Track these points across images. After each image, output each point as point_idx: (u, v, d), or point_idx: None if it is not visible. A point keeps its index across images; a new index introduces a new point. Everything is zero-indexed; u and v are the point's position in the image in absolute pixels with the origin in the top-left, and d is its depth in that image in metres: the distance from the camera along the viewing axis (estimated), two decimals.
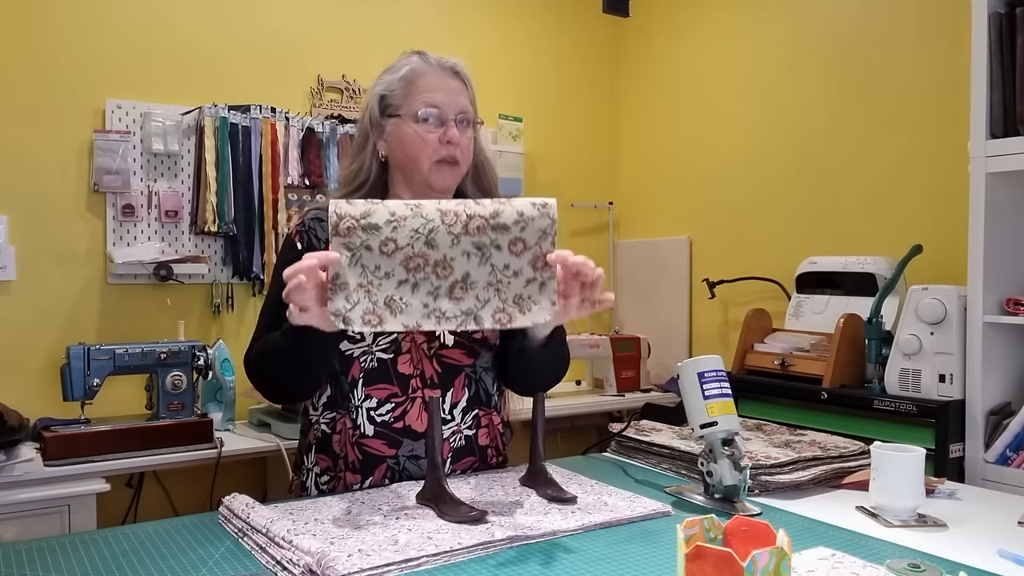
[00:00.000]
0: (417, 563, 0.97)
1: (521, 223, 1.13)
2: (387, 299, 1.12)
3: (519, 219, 1.13)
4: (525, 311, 1.13)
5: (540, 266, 1.14)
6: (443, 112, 1.36)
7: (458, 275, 1.13)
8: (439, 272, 1.13)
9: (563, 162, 3.52)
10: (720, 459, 1.22)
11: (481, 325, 1.13)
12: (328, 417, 1.39)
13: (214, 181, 2.59)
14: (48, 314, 2.43)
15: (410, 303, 1.12)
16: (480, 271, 1.13)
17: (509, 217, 1.13)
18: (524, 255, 1.14)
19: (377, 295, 1.12)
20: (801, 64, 2.88)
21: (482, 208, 1.14)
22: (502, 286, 1.13)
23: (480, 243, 1.13)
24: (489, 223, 1.13)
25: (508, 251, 1.13)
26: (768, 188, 2.99)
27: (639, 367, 3.11)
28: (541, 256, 1.14)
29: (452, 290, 1.13)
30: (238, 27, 2.73)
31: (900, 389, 2.18)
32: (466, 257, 1.13)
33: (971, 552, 1.05)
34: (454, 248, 1.13)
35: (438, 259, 1.13)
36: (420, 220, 1.12)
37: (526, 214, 1.13)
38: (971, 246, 2.05)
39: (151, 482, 2.50)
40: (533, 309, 1.13)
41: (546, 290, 1.13)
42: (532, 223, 1.13)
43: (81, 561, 1.00)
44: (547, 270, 1.13)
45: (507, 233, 1.13)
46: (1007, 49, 2.01)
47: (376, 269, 1.12)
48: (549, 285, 1.13)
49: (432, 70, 1.39)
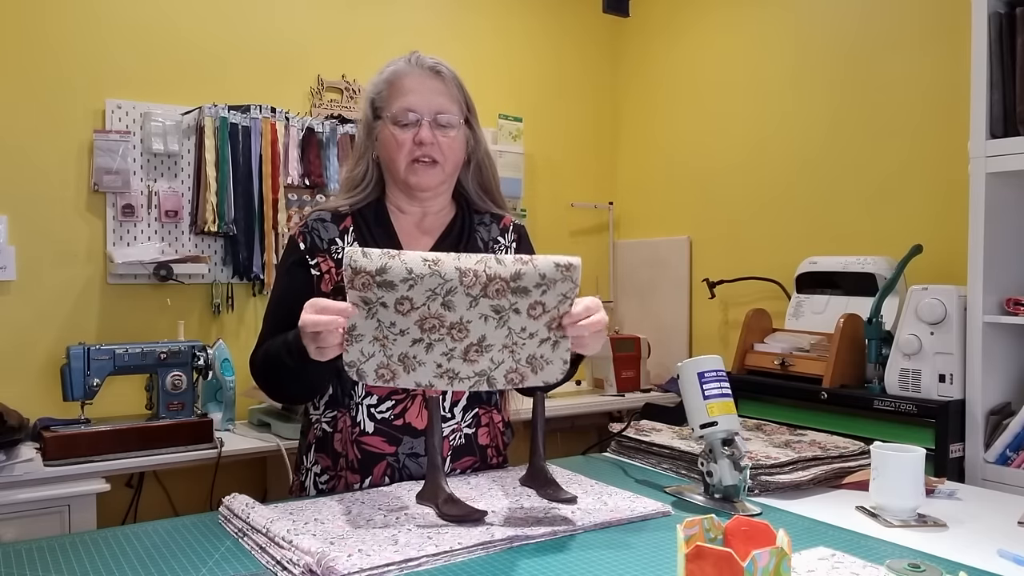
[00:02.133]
0: (417, 563, 0.97)
1: (543, 287, 1.10)
2: (401, 355, 1.11)
3: (541, 282, 1.09)
4: (537, 371, 1.13)
5: (555, 327, 1.12)
6: (418, 113, 1.36)
7: (474, 338, 1.11)
8: (454, 335, 1.11)
9: (563, 162, 3.52)
10: (720, 459, 1.22)
11: (493, 387, 1.14)
12: (329, 416, 1.40)
13: (214, 181, 2.59)
14: (48, 314, 2.43)
15: (424, 361, 1.11)
16: (496, 334, 1.11)
17: (530, 280, 1.09)
18: (542, 318, 1.12)
19: (392, 350, 1.11)
20: (801, 64, 2.88)
21: (503, 268, 1.09)
22: (517, 347, 1.12)
23: (499, 307, 1.10)
24: (509, 286, 1.09)
25: (527, 315, 1.11)
26: (768, 188, 2.99)
27: (639, 367, 3.11)
28: (558, 317, 1.12)
29: (467, 352, 1.11)
30: (238, 27, 2.73)
31: (900, 389, 2.18)
32: (483, 320, 1.10)
33: (971, 552, 1.05)
34: (471, 311, 1.10)
35: (454, 321, 1.10)
36: (438, 279, 1.08)
37: (548, 277, 1.09)
38: (971, 246, 2.05)
39: (151, 482, 2.50)
40: (546, 369, 1.13)
41: (559, 349, 1.13)
42: (554, 287, 1.10)
43: (81, 561, 1.00)
44: (561, 330, 1.12)
45: (527, 297, 1.10)
46: (1007, 49, 2.01)
47: (391, 325, 1.10)
48: (562, 344, 1.13)
49: (412, 71, 1.39)
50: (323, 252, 1.39)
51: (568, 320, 1.12)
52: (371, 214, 1.43)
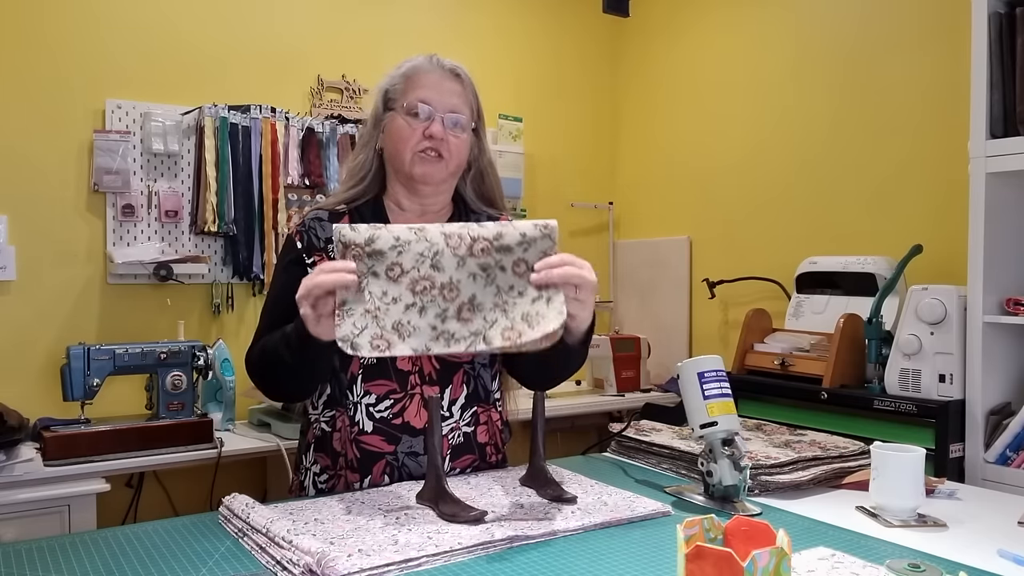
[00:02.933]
0: (417, 563, 0.97)
1: (524, 244, 1.14)
2: (395, 323, 1.12)
3: (522, 240, 1.14)
4: (533, 325, 1.12)
5: (545, 279, 1.13)
6: (432, 108, 1.37)
7: (465, 297, 1.14)
8: (446, 295, 1.13)
9: (563, 162, 3.52)
10: (720, 459, 1.22)
11: (491, 344, 1.12)
12: (328, 415, 1.40)
13: (214, 181, 2.59)
14: (48, 314, 2.43)
15: (418, 326, 1.12)
16: (486, 292, 1.14)
17: (512, 238, 1.14)
18: (527, 275, 1.14)
19: (385, 320, 1.12)
20: (801, 64, 2.88)
21: (485, 230, 1.15)
22: (508, 307, 1.13)
23: (485, 264, 1.14)
24: (493, 244, 1.14)
25: (512, 272, 1.14)
26: (768, 188, 2.99)
27: (639, 367, 3.11)
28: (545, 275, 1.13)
29: (460, 312, 1.13)
30: (238, 27, 2.73)
31: (900, 389, 2.18)
32: (472, 279, 1.14)
33: (971, 552, 1.05)
34: (460, 270, 1.14)
35: (444, 282, 1.13)
36: (425, 244, 1.13)
37: (528, 235, 1.14)
38: (971, 246, 2.05)
39: (151, 482, 2.50)
40: (541, 322, 1.12)
41: (554, 303, 1.12)
42: (535, 244, 1.14)
43: (81, 561, 1.00)
44: (553, 287, 1.13)
45: (511, 254, 1.14)
46: (1007, 49, 2.01)
47: (383, 295, 1.12)
48: (556, 298, 1.13)
49: (433, 69, 1.41)
50: (320, 251, 1.39)
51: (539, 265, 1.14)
52: (368, 212, 1.43)
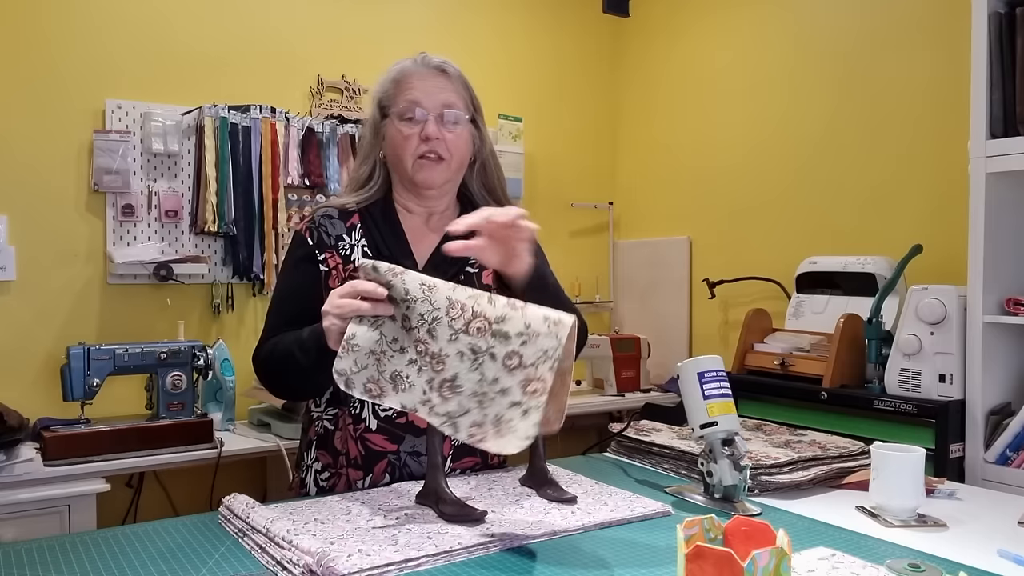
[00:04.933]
0: (417, 563, 0.97)
1: (524, 337, 1.04)
2: (394, 374, 1.08)
3: (523, 331, 1.04)
4: (501, 435, 1.01)
5: (529, 391, 1.01)
6: (424, 108, 1.38)
7: (448, 374, 1.06)
8: (434, 365, 1.07)
9: (563, 162, 3.52)
10: (720, 459, 1.22)
11: (456, 434, 1.04)
12: (331, 413, 1.40)
13: (214, 181, 2.59)
14: (48, 314, 2.43)
15: (414, 384, 1.08)
16: (468, 377, 1.05)
17: (514, 326, 1.04)
18: (516, 373, 1.03)
19: (386, 366, 1.09)
20: (801, 64, 2.88)
21: (491, 308, 1.06)
22: (485, 400, 1.04)
23: (476, 347, 1.05)
24: (491, 327, 1.05)
25: (502, 364, 1.04)
26: (768, 188, 2.99)
27: (639, 367, 3.11)
28: (534, 380, 1.01)
29: (442, 387, 1.07)
30: (238, 27, 2.73)
31: (900, 389, 2.18)
32: (459, 357, 1.06)
33: (971, 552, 1.05)
34: (450, 345, 1.06)
35: (435, 352, 1.07)
36: (428, 306, 1.07)
37: (532, 328, 1.04)
38: (971, 246, 2.05)
39: (151, 482, 2.50)
40: (507, 437, 1.00)
41: (527, 419, 1.00)
42: (535, 340, 1.03)
43: (81, 561, 1.00)
44: (535, 398, 1.01)
45: (506, 344, 1.04)
46: (1007, 49, 2.01)
47: (394, 340, 1.09)
48: (532, 416, 1.00)
49: (418, 69, 1.41)
50: (331, 248, 1.39)
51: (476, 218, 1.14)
52: (378, 212, 1.43)
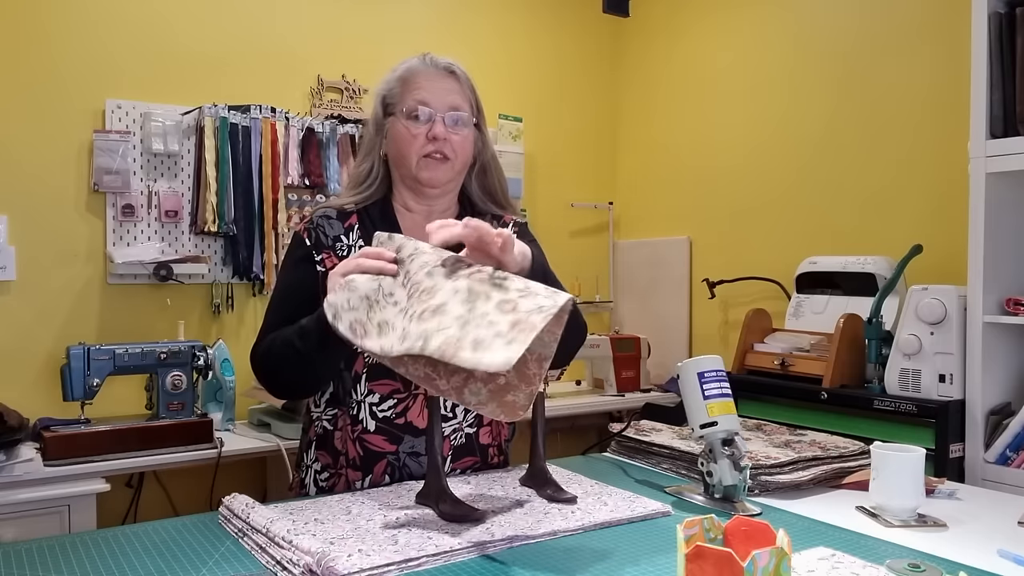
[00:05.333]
0: (417, 563, 0.97)
1: (522, 292, 1.05)
2: (381, 321, 1.11)
3: (522, 289, 1.05)
4: (477, 351, 0.98)
5: (518, 329, 0.98)
6: (431, 109, 1.38)
7: (434, 302, 1.07)
8: (422, 297, 1.09)
9: (563, 162, 3.52)
10: (720, 459, 1.22)
11: (424, 350, 1.01)
12: (330, 414, 1.40)
13: (214, 181, 2.59)
14: (48, 314, 2.43)
15: (394, 326, 1.09)
16: (457, 307, 1.05)
17: (514, 284, 1.06)
18: (507, 315, 1.01)
19: (375, 314, 1.12)
20: (801, 64, 2.88)
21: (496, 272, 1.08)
22: (470, 326, 1.02)
23: (472, 288, 1.07)
24: (491, 279, 1.07)
25: (495, 305, 1.03)
26: (768, 188, 2.99)
27: (639, 367, 3.11)
28: (525, 323, 0.99)
29: (423, 314, 1.07)
30: (238, 27, 2.73)
31: (900, 389, 2.18)
32: (453, 292, 1.07)
33: (971, 552, 1.05)
34: (447, 282, 1.09)
35: (428, 286, 1.10)
36: (436, 257, 1.13)
37: (531, 288, 1.05)
38: (971, 246, 2.05)
39: (151, 482, 2.50)
40: (486, 353, 0.97)
41: (510, 348, 0.96)
42: (533, 297, 1.03)
43: (81, 561, 1.00)
44: (523, 335, 0.97)
45: (504, 293, 1.05)
46: (1007, 49, 2.01)
47: (390, 295, 1.13)
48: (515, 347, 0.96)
49: (426, 69, 1.41)
50: (328, 249, 1.39)
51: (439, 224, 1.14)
52: (377, 212, 1.43)
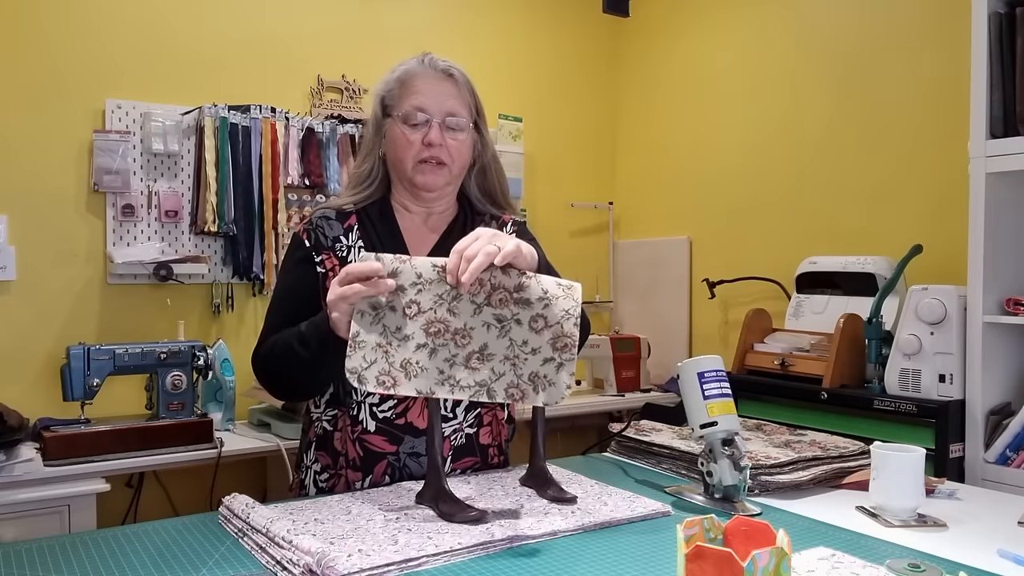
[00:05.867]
0: (417, 563, 0.97)
1: (545, 300, 1.13)
2: (404, 362, 1.11)
3: (543, 296, 1.13)
4: (540, 390, 1.12)
5: (559, 347, 1.12)
6: (428, 114, 1.38)
7: (476, 346, 1.13)
8: (458, 340, 1.12)
9: (563, 162, 3.52)
10: (720, 459, 1.22)
11: (493, 399, 1.12)
12: (330, 414, 1.40)
13: (214, 181, 2.59)
14: (48, 314, 2.43)
15: (426, 368, 1.11)
16: (499, 344, 1.13)
17: (533, 293, 1.13)
18: (544, 333, 1.13)
19: (394, 356, 1.11)
20: (801, 63, 2.88)
21: (508, 279, 1.14)
22: (519, 361, 1.12)
23: (501, 316, 1.13)
24: (512, 296, 1.13)
25: (528, 327, 1.13)
26: (768, 188, 2.99)
27: (639, 367, 3.11)
28: (563, 336, 1.13)
29: (469, 360, 1.12)
30: (238, 27, 2.73)
31: (900, 389, 2.18)
32: (486, 328, 1.13)
33: (971, 552, 1.05)
34: (475, 318, 1.13)
35: (458, 327, 1.12)
36: (445, 286, 1.13)
37: (550, 292, 1.14)
38: (971, 246, 2.05)
39: (151, 482, 2.50)
40: (548, 389, 1.11)
41: (563, 371, 1.12)
42: (555, 302, 1.13)
43: (81, 561, 1.00)
44: (567, 352, 1.12)
45: (529, 309, 1.13)
46: (1007, 49, 2.01)
47: (397, 331, 1.12)
48: (567, 367, 1.12)
49: (425, 72, 1.41)
50: (327, 249, 1.39)
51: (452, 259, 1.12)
52: (376, 212, 1.43)
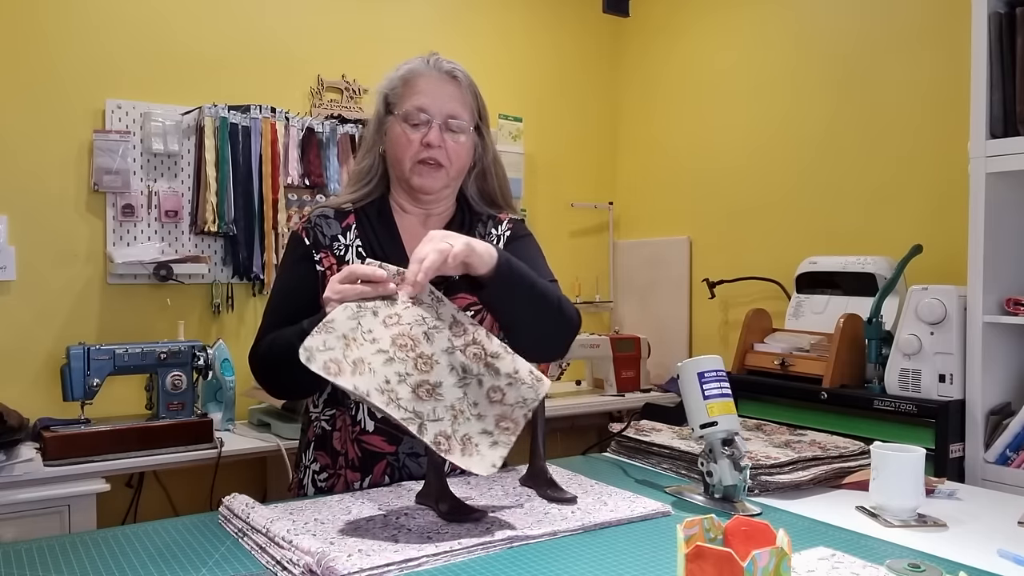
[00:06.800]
0: (417, 563, 0.97)
1: (510, 379, 1.12)
2: (357, 359, 1.09)
3: (511, 375, 1.13)
4: (465, 454, 1.07)
5: (502, 427, 1.10)
6: (429, 114, 1.38)
7: (432, 379, 1.10)
8: (419, 364, 1.11)
9: (563, 162, 3.52)
10: (720, 459, 1.22)
11: (420, 436, 1.06)
12: (328, 414, 1.40)
13: (214, 181, 2.59)
14: (48, 314, 2.43)
15: (375, 371, 1.08)
16: (452, 391, 1.11)
17: (505, 367, 1.13)
18: (495, 407, 1.11)
19: (352, 352, 1.09)
20: (801, 64, 2.88)
21: (488, 343, 1.14)
22: (460, 417, 1.10)
23: (468, 368, 1.12)
24: (485, 358, 1.13)
25: (486, 393, 1.12)
26: (768, 188, 2.99)
27: (639, 367, 3.11)
28: (508, 419, 1.11)
29: (419, 387, 1.09)
30: (238, 27, 2.73)
31: (900, 389, 2.18)
32: (449, 369, 1.12)
33: (971, 552, 1.05)
34: (444, 355, 1.12)
35: (425, 353, 1.12)
36: (433, 313, 1.14)
37: (519, 375, 1.13)
38: (971, 246, 2.05)
39: (151, 482, 2.50)
40: (472, 458, 1.07)
41: (495, 451, 1.09)
42: (518, 387, 1.12)
43: (81, 561, 1.00)
44: (506, 435, 1.10)
45: (495, 378, 1.12)
46: (1007, 49, 2.01)
47: (368, 332, 1.11)
48: (499, 450, 1.09)
49: (429, 72, 1.41)
50: (326, 248, 1.39)
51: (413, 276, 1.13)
52: (374, 211, 1.44)
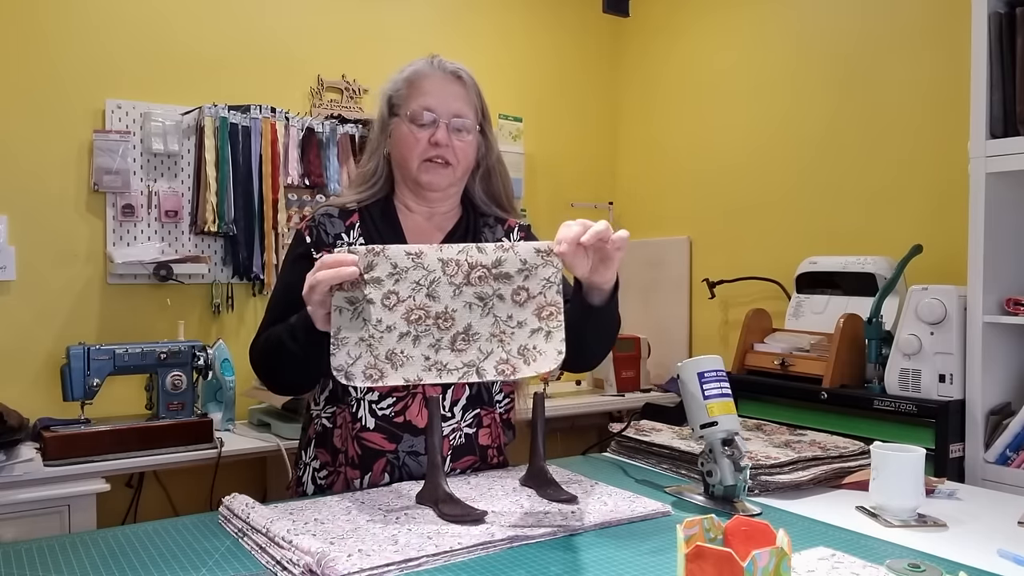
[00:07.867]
0: (417, 563, 0.97)
1: (525, 271, 1.12)
2: (388, 353, 1.11)
3: (522, 267, 1.12)
4: (530, 362, 1.09)
5: (545, 316, 1.11)
6: (436, 114, 1.38)
7: (460, 327, 1.12)
8: (440, 324, 1.12)
9: (563, 162, 3.52)
10: (720, 459, 1.22)
11: (483, 378, 1.10)
12: (329, 411, 1.40)
13: (214, 181, 2.59)
14: (48, 314, 2.43)
15: (412, 356, 1.11)
16: (483, 322, 1.12)
17: (512, 266, 1.12)
18: (528, 305, 1.12)
19: (379, 349, 1.11)
20: (801, 64, 2.88)
21: (484, 256, 1.13)
22: (506, 337, 1.11)
23: (482, 293, 1.12)
24: (491, 272, 1.12)
25: (511, 301, 1.12)
26: (768, 188, 2.99)
27: (639, 367, 3.11)
28: (547, 305, 1.11)
29: (454, 342, 1.11)
30: (238, 27, 2.73)
31: (900, 389, 2.18)
32: (468, 308, 1.12)
33: (971, 552, 1.05)
34: (456, 299, 1.12)
35: (439, 311, 1.12)
36: (421, 271, 1.12)
37: (529, 262, 1.12)
38: (971, 246, 2.05)
39: (151, 482, 2.50)
40: (539, 359, 1.09)
41: (552, 339, 1.10)
42: (536, 271, 1.12)
43: (81, 561, 1.00)
44: (553, 319, 1.11)
45: (510, 283, 1.12)
46: (1007, 49, 2.01)
47: (378, 323, 1.11)
48: (556, 335, 1.10)
49: (434, 73, 1.42)
50: (328, 247, 1.40)
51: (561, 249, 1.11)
52: (378, 211, 1.44)
